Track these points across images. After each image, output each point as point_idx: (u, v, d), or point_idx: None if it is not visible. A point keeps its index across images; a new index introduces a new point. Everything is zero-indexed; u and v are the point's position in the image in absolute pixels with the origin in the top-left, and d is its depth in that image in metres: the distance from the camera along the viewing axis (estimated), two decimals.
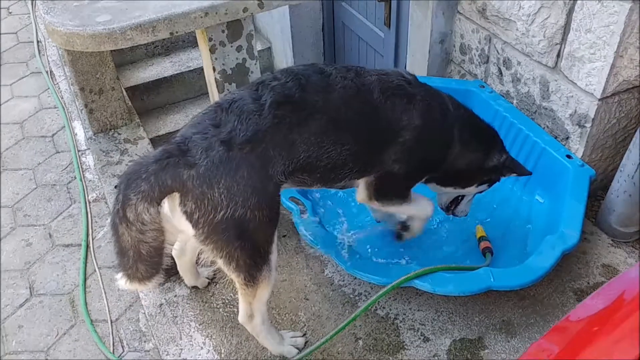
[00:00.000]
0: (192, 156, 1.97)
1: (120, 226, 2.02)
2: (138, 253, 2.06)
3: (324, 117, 2.13)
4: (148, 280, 2.15)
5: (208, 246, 2.05)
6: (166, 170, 1.97)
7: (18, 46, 5.11)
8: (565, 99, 2.79)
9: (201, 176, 1.96)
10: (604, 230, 2.87)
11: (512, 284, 2.38)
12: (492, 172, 2.63)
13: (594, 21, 2.49)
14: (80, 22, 2.69)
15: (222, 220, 1.98)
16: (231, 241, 2.02)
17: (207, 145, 1.99)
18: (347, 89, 2.18)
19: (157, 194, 1.96)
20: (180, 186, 1.97)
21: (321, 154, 2.16)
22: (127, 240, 2.04)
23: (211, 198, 1.96)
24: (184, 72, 4.64)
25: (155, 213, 1.98)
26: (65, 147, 3.95)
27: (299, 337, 2.51)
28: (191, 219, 2.00)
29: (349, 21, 4.43)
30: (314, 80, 2.16)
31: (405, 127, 2.27)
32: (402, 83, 2.31)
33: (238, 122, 2.02)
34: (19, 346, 2.78)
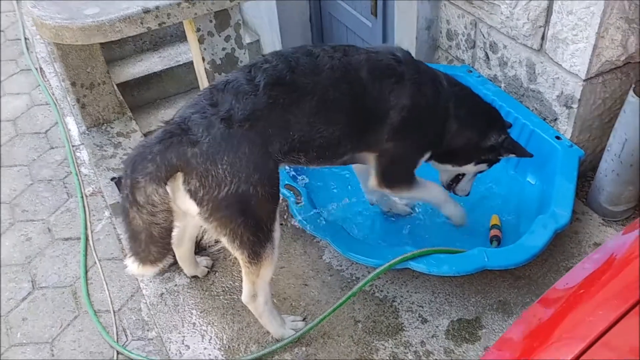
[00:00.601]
0: (194, 134, 2.02)
1: (130, 210, 2.08)
2: (150, 235, 2.12)
3: (314, 98, 2.19)
4: (160, 262, 2.23)
5: (212, 224, 2.10)
6: (170, 149, 2.01)
7: (6, 44, 5.10)
8: (552, 80, 2.86)
9: (204, 153, 2.00)
10: (594, 210, 2.94)
11: (505, 263, 2.45)
12: (490, 151, 2.66)
13: (574, 3, 2.55)
14: (69, 15, 2.70)
15: (226, 196, 2.02)
16: (235, 217, 2.07)
17: (208, 123, 2.04)
18: (334, 69, 2.23)
19: (164, 173, 2.01)
20: (185, 164, 2.01)
21: (314, 134, 2.22)
22: (138, 224, 2.10)
23: (215, 175, 2.00)
24: (174, 67, 4.63)
25: (164, 193, 2.03)
26: (59, 142, 3.97)
27: (299, 321, 2.57)
28: (195, 197, 2.05)
29: (335, 11, 4.46)
30: (302, 62, 2.21)
31: (394, 107, 2.32)
32: (391, 62, 2.35)
33: (235, 101, 2.08)
34: (24, 338, 2.82)
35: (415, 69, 2.42)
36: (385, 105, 2.33)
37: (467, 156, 2.68)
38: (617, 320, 1.20)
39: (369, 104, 2.32)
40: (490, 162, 2.74)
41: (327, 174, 3.20)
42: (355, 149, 2.40)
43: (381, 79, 2.31)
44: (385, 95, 2.32)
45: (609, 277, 1.37)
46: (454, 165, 2.72)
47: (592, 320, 1.23)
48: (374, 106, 2.32)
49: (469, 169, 2.74)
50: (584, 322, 1.26)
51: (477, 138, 2.61)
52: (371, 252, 2.57)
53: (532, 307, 1.49)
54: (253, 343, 2.55)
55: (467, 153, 2.66)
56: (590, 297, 1.33)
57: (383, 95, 2.32)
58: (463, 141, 2.59)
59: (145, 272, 2.29)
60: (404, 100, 2.33)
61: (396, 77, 2.33)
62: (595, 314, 1.25)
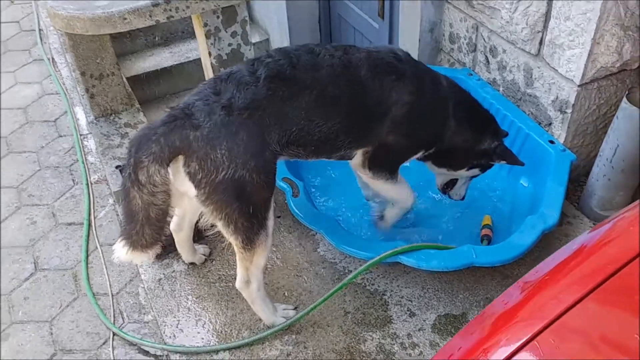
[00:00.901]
0: (197, 119, 2.11)
1: (132, 189, 2.16)
2: (147, 216, 2.19)
3: (313, 93, 2.26)
4: (150, 248, 2.28)
5: (209, 207, 2.18)
6: (174, 131, 2.10)
7: (20, 34, 5.22)
8: (548, 85, 2.91)
9: (205, 137, 2.09)
10: (585, 214, 2.99)
11: (493, 260, 2.50)
12: (482, 156, 2.71)
13: (572, 9, 2.61)
14: (80, 6, 2.80)
15: (223, 180, 2.10)
16: (230, 202, 2.15)
17: (210, 109, 2.13)
18: (334, 67, 2.31)
19: (167, 154, 2.10)
20: (187, 147, 2.09)
21: (312, 128, 2.29)
22: (137, 204, 2.17)
23: (214, 159, 2.09)
24: (184, 63, 4.72)
25: (165, 174, 2.11)
26: (67, 131, 4.08)
27: (290, 310, 2.64)
28: (194, 180, 2.13)
29: (344, 13, 4.53)
30: (304, 59, 2.29)
31: (395, 103, 2.38)
32: (392, 60, 2.41)
33: (236, 90, 2.16)
34: (25, 316, 2.92)
35: (415, 68, 2.49)
36: (386, 101, 2.39)
37: (461, 160, 2.73)
38: (574, 303, 1.28)
39: (369, 100, 2.38)
40: (482, 167, 2.80)
41: (326, 169, 3.27)
42: (355, 144, 2.47)
43: (382, 76, 2.37)
44: (386, 92, 2.38)
45: (572, 265, 1.45)
46: (448, 170, 2.78)
47: (553, 303, 1.31)
48: (374, 102, 2.39)
49: (462, 173, 2.81)
50: (546, 305, 1.33)
51: (472, 141, 2.67)
52: (363, 245, 2.62)
53: (502, 294, 1.56)
54: (245, 329, 2.62)
55: (461, 157, 2.72)
56: (554, 283, 1.41)
57: (384, 92, 2.38)
58: (460, 141, 2.64)
59: (133, 258, 2.32)
60: (405, 97, 2.40)
61: (397, 75, 2.40)
62: (557, 297, 1.33)
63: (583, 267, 1.43)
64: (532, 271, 1.55)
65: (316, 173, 3.27)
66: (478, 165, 2.77)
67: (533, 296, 1.46)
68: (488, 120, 2.73)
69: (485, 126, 2.70)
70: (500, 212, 3.00)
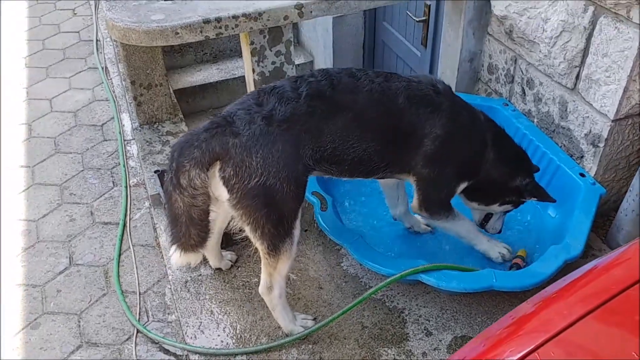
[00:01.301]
0: (237, 127, 2.22)
1: (173, 193, 2.28)
2: (190, 217, 2.31)
3: (349, 115, 2.35)
4: (199, 247, 2.40)
5: (239, 211, 2.27)
6: (215, 138, 2.22)
7: (79, 44, 5.49)
8: (582, 119, 2.93)
9: (243, 145, 2.19)
10: (611, 248, 2.96)
11: (512, 285, 2.50)
12: (514, 192, 2.74)
13: (610, 46, 2.64)
14: (137, 19, 2.96)
15: (254, 187, 2.20)
16: (259, 207, 2.24)
17: (250, 119, 2.23)
18: (372, 92, 2.38)
19: (207, 159, 2.21)
20: (225, 153, 2.20)
21: (346, 148, 2.37)
22: (179, 207, 2.30)
23: (249, 165, 2.19)
24: (229, 79, 4.89)
25: (205, 178, 2.23)
26: (112, 135, 4.26)
27: (309, 320, 2.68)
28: (228, 184, 2.23)
29: (388, 40, 4.63)
30: (344, 81, 2.38)
31: (427, 135, 2.44)
32: (429, 92, 2.47)
33: (278, 103, 2.26)
34: (56, 308, 3.04)
35: (452, 102, 2.53)
36: (420, 132, 2.45)
37: (492, 195, 2.76)
38: (578, 319, 1.31)
39: (404, 128, 2.45)
40: (514, 203, 2.81)
41: (355, 187, 3.34)
42: (389, 168, 2.53)
43: (418, 107, 2.43)
44: (421, 123, 2.44)
45: (580, 285, 1.48)
46: (480, 204, 2.81)
47: (557, 318, 1.34)
48: (409, 131, 2.45)
49: (495, 208, 2.83)
50: (550, 320, 1.36)
51: (505, 176, 2.70)
52: (386, 262, 2.66)
53: (512, 311, 1.59)
54: (264, 335, 2.68)
55: (493, 192, 2.75)
56: (561, 300, 1.44)
57: (419, 122, 2.44)
58: (496, 174, 2.67)
59: (187, 259, 2.45)
60: (438, 130, 2.45)
61: (433, 107, 2.45)
62: (562, 313, 1.36)
63: (589, 287, 1.46)
64: (542, 291, 1.58)
65: (345, 189, 3.33)
66: (510, 202, 2.79)
67: (540, 311, 1.49)
68: (520, 157, 2.75)
69: (518, 163, 2.74)
70: (526, 241, 3.00)
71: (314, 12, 3.12)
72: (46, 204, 3.69)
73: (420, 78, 2.57)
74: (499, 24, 3.34)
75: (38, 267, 3.27)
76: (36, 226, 3.53)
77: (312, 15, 3.12)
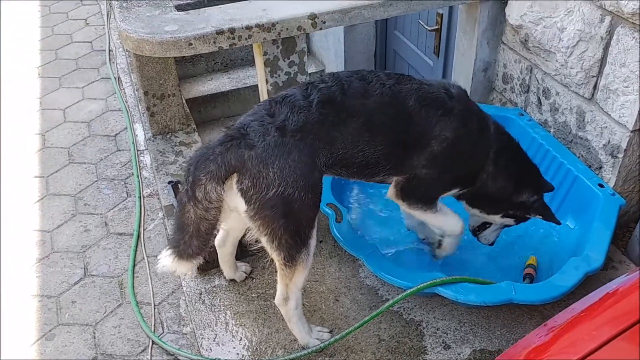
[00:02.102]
0: (251, 139, 2.21)
1: (187, 204, 2.27)
2: (197, 229, 2.31)
3: (360, 120, 2.34)
4: (195, 258, 2.38)
5: (256, 222, 2.26)
6: (230, 151, 2.21)
7: (92, 54, 5.51)
8: (600, 129, 2.90)
9: (259, 156, 2.19)
10: (632, 260, 2.93)
11: (532, 299, 2.48)
12: (519, 208, 2.71)
13: (628, 56, 2.61)
14: (150, 30, 2.96)
15: (272, 197, 2.19)
16: (277, 218, 2.23)
17: (264, 130, 2.23)
18: (383, 95, 2.37)
19: (223, 173, 2.21)
20: (241, 165, 2.20)
21: (356, 152, 2.37)
22: (190, 218, 2.29)
23: (266, 176, 2.18)
24: (241, 88, 4.90)
25: (220, 191, 2.22)
26: (126, 146, 4.26)
27: (325, 333, 2.67)
28: (245, 196, 2.22)
29: (400, 49, 4.62)
30: (355, 86, 2.37)
31: (436, 137, 2.42)
32: (441, 95, 2.46)
33: (290, 113, 2.26)
34: (71, 319, 3.03)
35: (465, 107, 2.52)
36: (428, 134, 2.43)
37: (496, 206, 2.73)
38: (607, 341, 1.28)
39: (413, 131, 2.43)
40: (517, 219, 2.78)
41: (369, 197, 3.32)
42: (393, 170, 2.52)
43: (428, 109, 2.42)
44: (431, 125, 2.43)
45: (607, 305, 1.46)
46: (481, 212, 2.78)
47: (585, 340, 1.31)
48: (417, 134, 2.44)
49: (496, 219, 2.79)
50: (578, 341, 1.33)
51: (511, 190, 2.66)
52: (402, 274, 2.64)
53: (537, 328, 1.56)
54: (280, 348, 2.66)
55: (497, 202, 2.71)
56: (588, 321, 1.41)
57: (428, 125, 2.43)
58: (495, 188, 2.64)
59: (178, 267, 2.42)
60: (447, 133, 2.44)
61: (444, 110, 2.44)
62: (590, 334, 1.33)
63: (617, 307, 1.44)
64: (567, 309, 1.55)
65: (359, 200, 3.31)
66: (513, 216, 2.76)
67: (566, 332, 1.47)
68: (530, 173, 2.71)
69: (526, 179, 2.69)
70: (544, 252, 2.97)
71: (327, 23, 3.11)
72: (60, 215, 3.69)
73: (432, 81, 2.55)
74: (514, 33, 3.32)
75: (53, 278, 3.26)
76: (51, 237, 3.53)
77: (325, 25, 3.11)
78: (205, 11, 3.12)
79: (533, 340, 1.52)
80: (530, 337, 1.55)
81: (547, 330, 1.51)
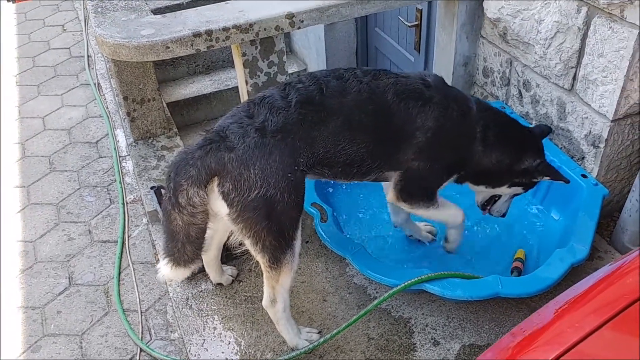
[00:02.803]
0: (231, 141, 2.20)
1: (172, 212, 2.26)
2: (187, 235, 2.29)
3: (340, 119, 2.33)
4: (192, 263, 2.38)
5: (239, 225, 2.25)
6: (210, 154, 2.19)
7: (70, 60, 5.45)
8: (581, 120, 2.91)
9: (239, 158, 2.17)
10: (617, 249, 2.95)
11: (519, 292, 2.48)
12: (524, 174, 2.68)
13: (605, 46, 2.62)
14: (127, 35, 2.93)
15: (254, 199, 2.18)
16: (260, 220, 2.21)
17: (243, 132, 2.21)
18: (361, 92, 2.36)
19: (204, 176, 2.19)
20: (222, 168, 2.18)
21: (338, 151, 2.35)
22: (178, 225, 2.28)
23: (247, 178, 2.17)
24: (223, 90, 4.87)
25: (203, 195, 2.21)
26: (107, 152, 4.22)
27: (314, 333, 2.65)
28: (227, 199, 2.21)
29: (381, 45, 4.62)
30: (332, 85, 2.35)
31: (419, 129, 2.41)
32: (419, 86, 2.44)
33: (269, 114, 2.24)
34: (56, 329, 2.99)
35: (443, 94, 2.49)
36: (411, 126, 2.42)
37: (500, 178, 2.71)
38: (592, 331, 1.28)
39: (395, 125, 2.42)
40: (525, 186, 2.75)
41: (354, 196, 3.31)
42: (382, 167, 2.50)
43: (407, 101, 2.41)
44: (412, 117, 2.41)
45: (592, 295, 1.46)
46: (487, 187, 2.76)
47: (571, 331, 1.31)
48: (400, 127, 2.42)
49: (504, 190, 2.77)
50: (564, 332, 1.33)
51: (509, 161, 2.64)
52: (389, 271, 2.63)
53: (523, 321, 1.57)
54: (269, 351, 2.64)
55: (499, 175, 2.69)
56: (573, 311, 1.42)
57: (409, 117, 2.41)
58: (491, 163, 2.62)
59: (177, 274, 2.43)
60: (429, 123, 2.42)
61: (423, 100, 2.42)
62: (575, 325, 1.33)
63: (601, 297, 1.44)
64: (553, 300, 1.55)
65: (345, 199, 3.30)
66: (520, 184, 2.73)
67: (553, 323, 1.47)
68: (525, 139, 2.69)
69: (522, 145, 2.67)
70: (530, 244, 2.98)
71: (305, 22, 3.09)
72: (43, 224, 3.65)
73: (409, 74, 2.53)
74: (493, 27, 3.32)
75: (37, 289, 3.22)
76: (34, 247, 3.49)
77: (303, 24, 3.09)
78: (182, 14, 3.09)
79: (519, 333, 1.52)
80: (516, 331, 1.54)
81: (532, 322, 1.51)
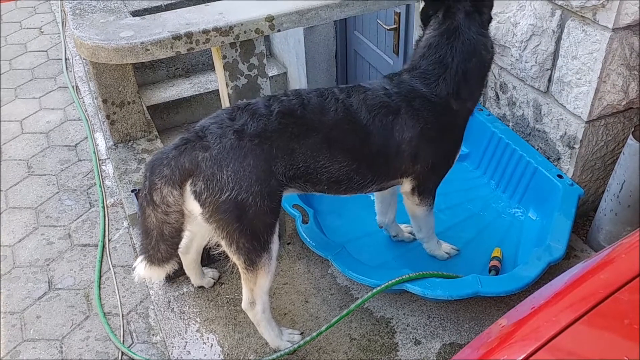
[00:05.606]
0: (208, 141, 2.20)
1: (147, 209, 2.26)
2: (161, 233, 2.29)
3: (319, 136, 2.32)
4: (166, 263, 2.37)
5: (212, 225, 2.25)
6: (184, 154, 2.20)
7: (48, 63, 5.41)
8: (556, 121, 2.97)
9: (213, 158, 2.18)
10: (593, 248, 3.00)
11: (498, 290, 2.52)
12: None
13: (579, 48, 2.68)
14: (106, 37, 2.92)
15: (225, 201, 2.18)
16: (231, 222, 2.22)
17: (222, 133, 2.22)
18: (337, 112, 2.35)
19: (178, 177, 2.19)
20: (195, 167, 2.18)
21: (318, 168, 2.35)
22: (152, 222, 2.28)
23: (219, 179, 2.17)
24: (203, 93, 4.87)
25: (178, 195, 2.21)
26: (87, 156, 4.19)
27: (296, 334, 2.67)
28: (199, 198, 2.21)
29: (360, 49, 4.65)
30: (313, 102, 2.36)
31: (403, 142, 2.41)
32: (383, 98, 2.41)
33: (250, 119, 2.25)
34: (36, 334, 2.97)
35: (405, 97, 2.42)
36: (393, 142, 2.42)
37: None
38: (567, 325, 1.32)
39: (376, 143, 2.40)
40: None
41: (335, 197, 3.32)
42: (377, 181, 2.51)
43: (380, 118, 2.39)
44: (390, 133, 2.41)
45: (567, 290, 1.51)
46: None
47: (547, 325, 1.35)
48: (382, 144, 2.41)
49: None
50: (541, 327, 1.37)
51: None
52: (370, 272, 2.66)
53: (501, 317, 1.60)
54: (252, 352, 2.65)
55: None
56: (550, 306, 1.45)
57: (388, 133, 2.41)
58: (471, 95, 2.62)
59: (151, 273, 2.41)
60: (408, 134, 2.42)
61: (392, 114, 2.40)
62: (551, 320, 1.37)
63: (576, 292, 1.48)
64: (530, 296, 1.59)
65: (326, 200, 3.32)
66: None
67: (530, 318, 1.50)
68: None
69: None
70: (507, 244, 3.02)
71: (285, 24, 3.10)
72: (22, 228, 3.62)
73: (373, 84, 2.49)
74: None
75: (16, 294, 3.20)
76: (12, 251, 3.46)
77: (283, 27, 3.10)
78: (161, 16, 3.08)
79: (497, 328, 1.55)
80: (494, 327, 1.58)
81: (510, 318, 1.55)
